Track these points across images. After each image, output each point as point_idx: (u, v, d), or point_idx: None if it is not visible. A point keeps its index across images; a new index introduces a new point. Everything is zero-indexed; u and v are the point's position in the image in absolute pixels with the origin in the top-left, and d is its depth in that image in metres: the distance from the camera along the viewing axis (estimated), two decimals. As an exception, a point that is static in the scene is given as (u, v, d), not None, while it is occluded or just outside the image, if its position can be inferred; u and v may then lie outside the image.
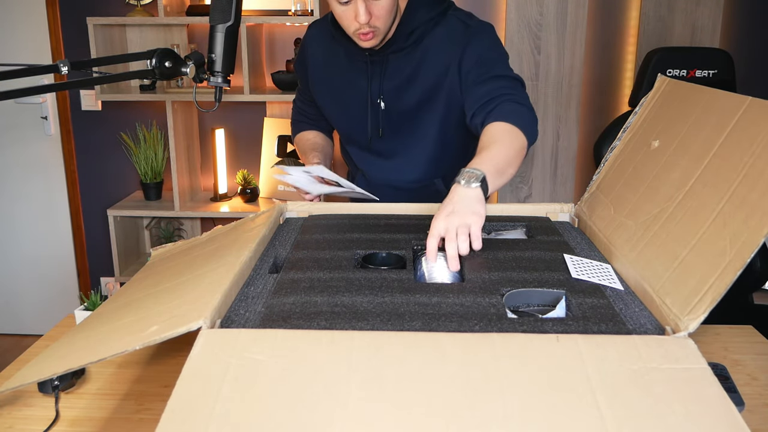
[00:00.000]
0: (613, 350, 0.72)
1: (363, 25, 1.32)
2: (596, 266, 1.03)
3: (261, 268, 1.05)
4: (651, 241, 0.97)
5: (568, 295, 0.93)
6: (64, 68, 1.02)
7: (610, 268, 1.03)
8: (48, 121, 2.96)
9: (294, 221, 1.33)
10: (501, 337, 0.76)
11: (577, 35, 2.61)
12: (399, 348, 0.74)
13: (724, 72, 2.32)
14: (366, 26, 1.32)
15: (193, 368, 0.71)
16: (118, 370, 1.10)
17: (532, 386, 0.67)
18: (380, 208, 1.36)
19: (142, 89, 2.74)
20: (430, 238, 1.06)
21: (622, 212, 1.11)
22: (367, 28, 1.33)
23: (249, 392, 0.67)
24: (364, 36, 1.35)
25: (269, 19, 2.55)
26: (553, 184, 2.77)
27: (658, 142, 1.12)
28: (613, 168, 1.25)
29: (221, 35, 1.19)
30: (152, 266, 1.25)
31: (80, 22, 2.81)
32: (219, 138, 2.82)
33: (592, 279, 0.98)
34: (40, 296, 3.17)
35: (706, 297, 0.78)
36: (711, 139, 0.97)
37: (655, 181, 1.07)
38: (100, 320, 0.99)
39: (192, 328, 0.77)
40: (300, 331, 0.79)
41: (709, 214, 0.87)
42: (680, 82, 1.18)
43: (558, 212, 1.32)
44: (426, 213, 1.33)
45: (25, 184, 3.05)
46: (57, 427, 0.94)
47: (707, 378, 0.68)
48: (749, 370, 1.09)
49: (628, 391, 0.66)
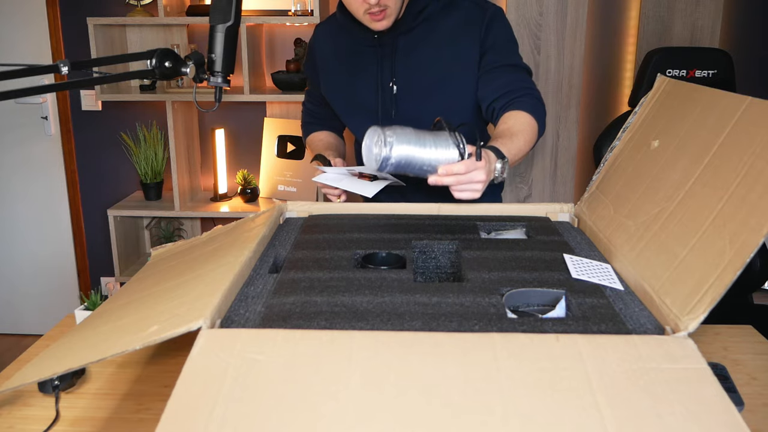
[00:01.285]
0: (613, 350, 0.73)
1: (373, 5, 1.32)
2: (596, 266, 1.03)
3: (261, 268, 1.05)
4: (651, 241, 0.97)
5: (568, 295, 0.93)
6: (65, 68, 1.02)
7: (610, 268, 1.03)
8: (48, 121, 2.96)
9: (294, 221, 1.33)
10: (501, 337, 0.76)
11: (577, 35, 2.61)
12: (399, 348, 0.74)
13: (724, 72, 2.32)
14: (376, 6, 1.32)
15: (193, 368, 0.71)
16: (118, 370, 1.10)
17: (532, 386, 0.67)
18: (380, 208, 1.36)
19: (142, 89, 2.74)
20: (457, 165, 1.07)
21: (622, 212, 1.11)
22: (377, 8, 1.33)
23: (249, 392, 0.67)
24: (374, 16, 1.34)
25: (269, 19, 2.55)
26: (553, 184, 2.77)
27: (657, 142, 1.13)
28: (613, 168, 1.25)
29: (221, 35, 1.19)
30: (152, 266, 1.25)
31: (80, 22, 2.81)
32: (219, 138, 2.82)
33: (592, 279, 0.98)
34: (40, 296, 3.17)
35: (706, 297, 0.78)
36: (710, 139, 0.97)
37: (654, 181, 1.07)
38: (100, 320, 0.99)
39: (192, 328, 0.77)
40: (300, 331, 0.79)
41: (708, 214, 0.87)
42: (680, 82, 1.18)
43: (558, 212, 1.32)
44: (426, 213, 1.33)
45: (25, 184, 3.05)
46: (57, 427, 0.94)
47: (707, 378, 0.68)
48: (749, 369, 1.09)
49: (628, 391, 0.66)
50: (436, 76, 1.45)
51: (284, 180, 2.81)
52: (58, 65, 1.01)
